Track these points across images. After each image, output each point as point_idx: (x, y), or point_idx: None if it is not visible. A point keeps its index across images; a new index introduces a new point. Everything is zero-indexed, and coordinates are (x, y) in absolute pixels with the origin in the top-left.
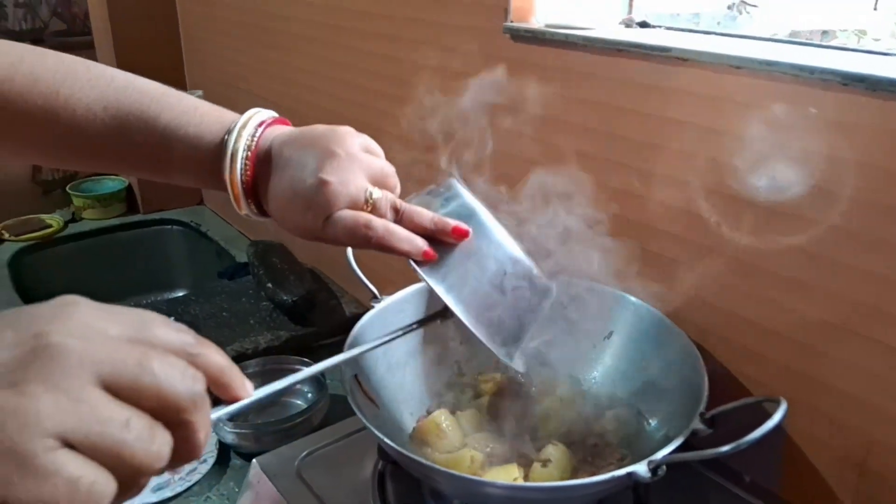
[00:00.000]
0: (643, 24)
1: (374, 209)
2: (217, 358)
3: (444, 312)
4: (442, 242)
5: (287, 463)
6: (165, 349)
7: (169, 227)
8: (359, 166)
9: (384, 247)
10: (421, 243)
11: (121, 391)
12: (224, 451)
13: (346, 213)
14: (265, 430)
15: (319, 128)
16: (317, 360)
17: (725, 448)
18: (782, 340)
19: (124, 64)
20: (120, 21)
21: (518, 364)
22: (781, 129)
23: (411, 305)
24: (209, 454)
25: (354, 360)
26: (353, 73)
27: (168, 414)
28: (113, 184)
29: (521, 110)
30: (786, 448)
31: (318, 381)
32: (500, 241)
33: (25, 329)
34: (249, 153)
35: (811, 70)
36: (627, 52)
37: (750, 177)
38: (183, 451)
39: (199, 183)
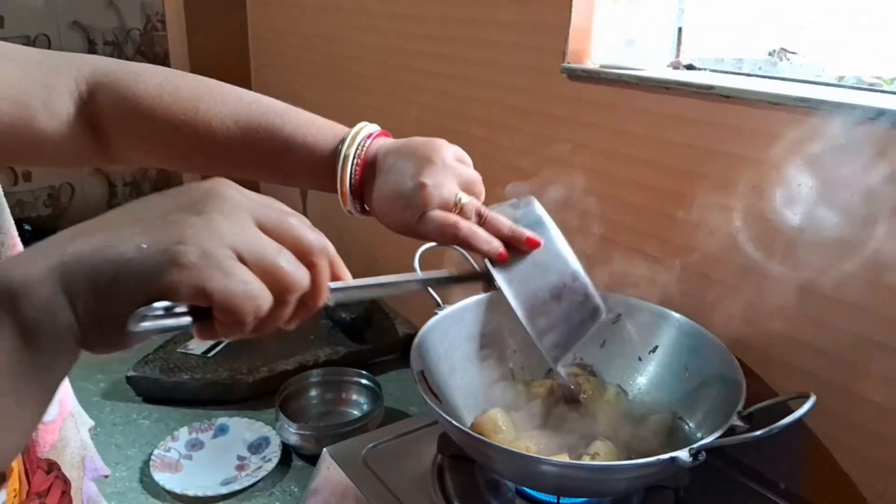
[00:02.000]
0: (689, 67)
1: (462, 211)
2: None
3: (490, 280)
4: (516, 250)
5: (354, 453)
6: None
7: None
8: (451, 173)
9: (467, 244)
10: (498, 245)
11: (269, 232)
12: (286, 452)
13: (438, 213)
14: (326, 432)
15: (419, 139)
16: (373, 373)
17: (759, 432)
18: (820, 355)
19: None
20: (197, 60)
21: (561, 371)
22: (814, 158)
23: (470, 314)
24: (273, 454)
25: (421, 358)
26: (415, 108)
27: (302, 256)
28: None
29: (572, 141)
30: (818, 456)
31: (373, 392)
32: (565, 258)
33: (198, 186)
34: (359, 160)
35: (840, 106)
36: (675, 90)
37: (786, 202)
38: (313, 290)
39: (314, 184)
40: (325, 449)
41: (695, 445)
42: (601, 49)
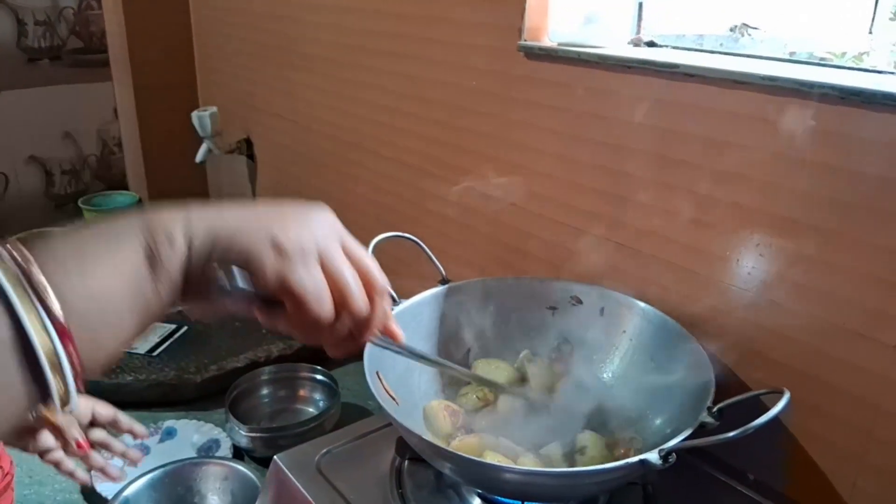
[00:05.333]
0: (651, 44)
1: None
2: None
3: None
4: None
5: (307, 460)
6: None
7: None
8: None
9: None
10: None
11: (349, 257)
12: (238, 455)
13: None
14: (279, 433)
15: None
16: (328, 368)
17: (732, 433)
18: (787, 342)
19: (139, 80)
20: (136, 39)
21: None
22: (781, 139)
23: (428, 308)
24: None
25: (377, 358)
26: (370, 92)
27: (368, 289)
28: (123, 198)
29: (532, 124)
30: (788, 446)
31: (329, 387)
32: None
33: (307, 203)
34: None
35: (810, 85)
36: (637, 69)
37: (751, 187)
38: (366, 322)
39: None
40: (275, 456)
41: (665, 447)
42: (560, 26)
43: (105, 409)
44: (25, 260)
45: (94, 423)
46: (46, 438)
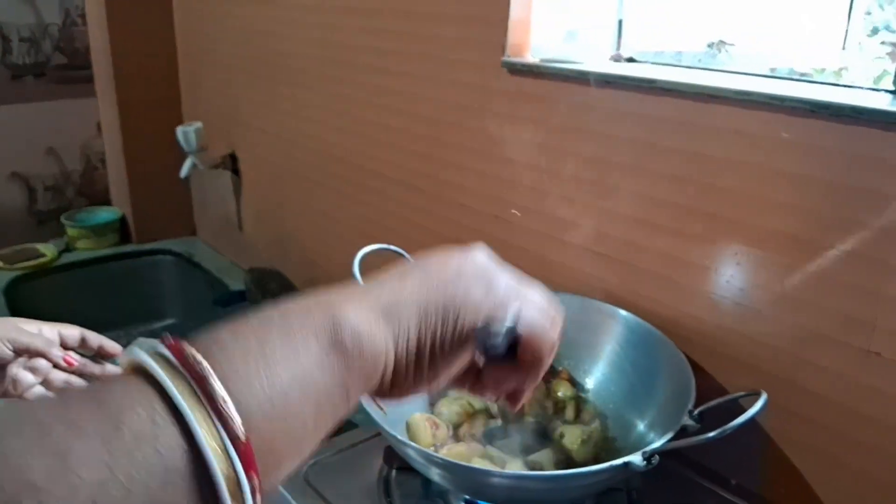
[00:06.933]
0: (630, 60)
1: None
2: None
3: None
4: None
5: (295, 471)
6: None
7: (162, 257)
8: None
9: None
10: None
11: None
12: None
13: None
14: None
15: None
16: None
17: (712, 434)
18: (764, 348)
19: (123, 96)
20: (120, 55)
21: None
22: (756, 151)
23: None
24: None
25: None
26: (355, 106)
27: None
28: (107, 214)
29: (515, 137)
30: (767, 450)
31: None
32: None
33: (483, 255)
34: None
35: (781, 99)
36: (617, 84)
37: (728, 198)
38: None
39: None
40: None
41: (647, 449)
42: (542, 43)
43: (71, 331)
44: (201, 368)
45: (63, 346)
46: (25, 376)
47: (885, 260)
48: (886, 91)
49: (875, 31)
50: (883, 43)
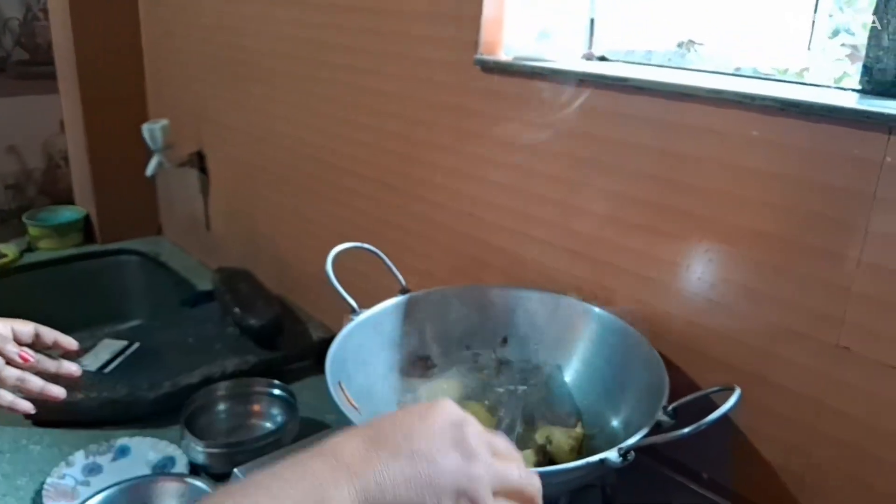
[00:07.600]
0: (602, 59)
1: None
2: None
3: None
4: None
5: None
6: None
7: (127, 257)
8: None
9: None
10: None
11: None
12: (194, 471)
13: None
14: (237, 449)
15: None
16: (286, 382)
17: (687, 429)
18: (736, 344)
19: (87, 93)
20: (84, 51)
21: None
22: (727, 149)
23: (389, 318)
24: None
25: (341, 367)
26: (327, 104)
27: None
28: (70, 213)
29: (488, 135)
30: (739, 444)
31: (287, 402)
32: None
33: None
34: None
35: (752, 97)
36: (589, 82)
37: (700, 195)
38: None
39: None
40: (235, 470)
41: (623, 445)
42: (515, 41)
43: (24, 326)
44: None
45: (17, 342)
46: None
47: (853, 256)
48: (853, 90)
49: (836, 32)
50: (843, 45)
